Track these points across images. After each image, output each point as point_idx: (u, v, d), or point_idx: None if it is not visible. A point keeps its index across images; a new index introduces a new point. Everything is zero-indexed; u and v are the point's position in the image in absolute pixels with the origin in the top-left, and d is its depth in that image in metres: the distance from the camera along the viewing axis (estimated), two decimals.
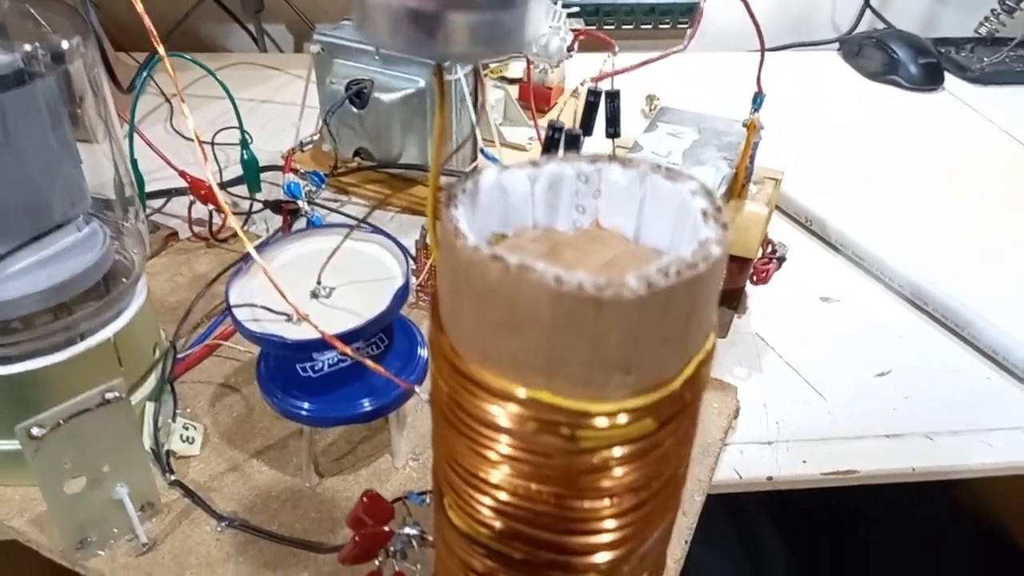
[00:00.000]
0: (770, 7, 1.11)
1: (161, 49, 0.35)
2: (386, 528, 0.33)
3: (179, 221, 0.66)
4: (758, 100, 0.55)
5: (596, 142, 0.57)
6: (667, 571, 0.44)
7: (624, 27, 1.09)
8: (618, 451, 0.21)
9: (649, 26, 1.10)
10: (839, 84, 1.03)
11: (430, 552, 0.34)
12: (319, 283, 0.41)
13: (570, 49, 0.59)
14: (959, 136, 0.91)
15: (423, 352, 0.44)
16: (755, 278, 0.59)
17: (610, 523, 0.23)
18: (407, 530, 0.34)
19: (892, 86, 1.01)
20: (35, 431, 0.35)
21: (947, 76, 1.03)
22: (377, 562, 0.35)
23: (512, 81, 0.82)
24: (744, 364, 0.57)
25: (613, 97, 0.52)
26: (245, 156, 0.63)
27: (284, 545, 0.41)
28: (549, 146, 0.53)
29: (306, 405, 0.41)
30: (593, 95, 0.51)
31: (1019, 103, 0.99)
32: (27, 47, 0.38)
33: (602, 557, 0.24)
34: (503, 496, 0.23)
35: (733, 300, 0.61)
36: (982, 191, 0.80)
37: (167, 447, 0.45)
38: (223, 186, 0.68)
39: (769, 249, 0.60)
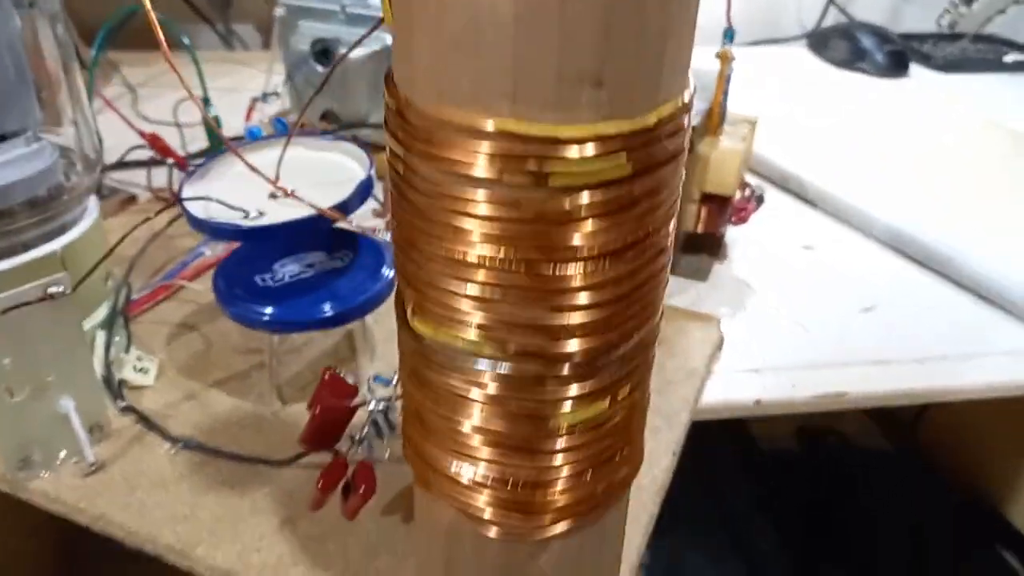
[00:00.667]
0: (737, 7, 1.12)
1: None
2: (353, 404, 0.31)
3: (139, 190, 0.64)
4: (729, 34, 0.55)
5: None
6: (654, 473, 0.41)
7: None
8: (589, 196, 0.19)
9: None
10: (808, 74, 1.04)
11: (398, 434, 0.32)
12: (277, 180, 0.39)
13: None
14: (926, 119, 0.92)
15: (388, 271, 0.42)
16: (734, 219, 0.58)
17: (585, 297, 0.21)
18: (372, 406, 0.32)
19: (860, 73, 1.03)
20: None
21: (912, 65, 1.04)
22: (339, 454, 0.32)
23: None
24: (728, 305, 0.55)
25: None
26: (209, 114, 0.61)
27: (244, 464, 0.38)
28: None
29: (267, 310, 0.38)
30: None
31: (981, 89, 1.01)
32: None
33: (580, 344, 0.22)
34: (474, 276, 0.21)
35: (713, 246, 0.60)
36: (950, 164, 0.80)
37: (120, 376, 0.42)
38: (188, 157, 0.66)
39: (747, 192, 0.59)
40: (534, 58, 0.18)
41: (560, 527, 0.26)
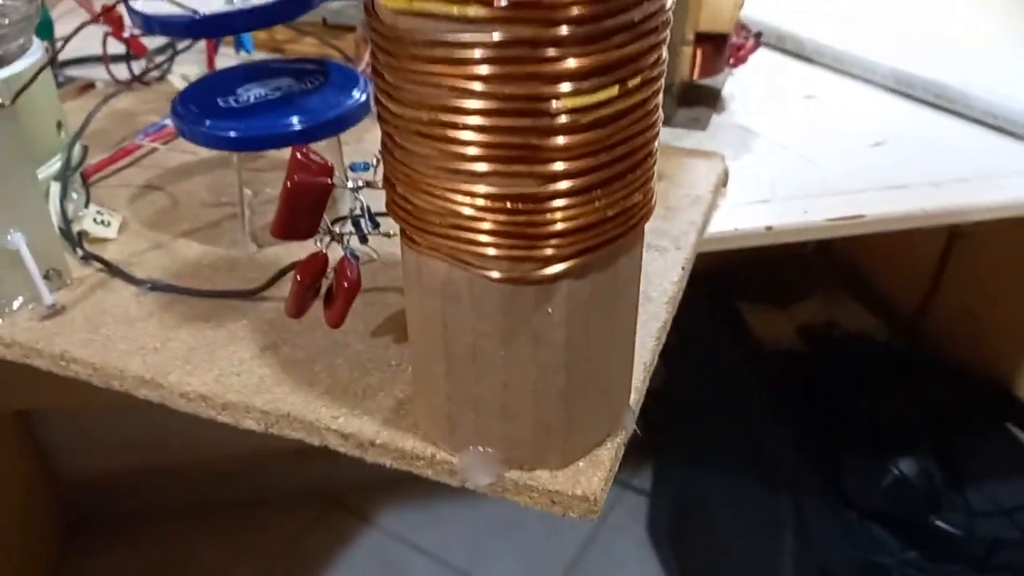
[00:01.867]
0: None
1: None
2: (328, 180, 0.27)
3: (101, 83, 0.60)
4: None
5: None
6: (664, 286, 0.38)
7: None
8: None
9: None
10: None
11: (385, 229, 0.28)
12: None
13: None
14: None
15: (360, 94, 0.38)
16: (732, 60, 0.54)
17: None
18: (350, 186, 0.28)
19: None
20: None
21: None
22: (317, 244, 0.29)
23: None
24: (730, 148, 0.52)
25: None
26: None
27: (218, 300, 0.35)
28: None
29: (233, 127, 0.35)
30: None
31: None
32: None
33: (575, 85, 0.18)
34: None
35: (711, 99, 0.57)
36: (943, 4, 0.77)
37: (78, 229, 0.39)
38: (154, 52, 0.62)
39: (743, 32, 0.55)
40: None
41: (568, 263, 0.23)
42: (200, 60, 0.58)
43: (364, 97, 0.37)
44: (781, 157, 0.51)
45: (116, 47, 0.56)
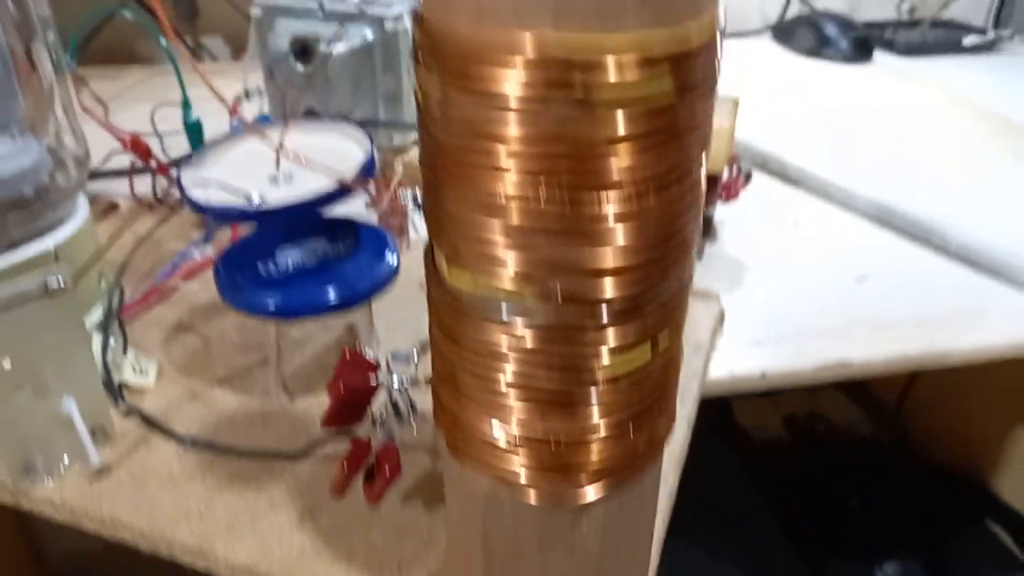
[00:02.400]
0: None
1: None
2: (373, 381, 0.30)
3: (122, 199, 0.62)
4: None
5: None
6: (671, 448, 0.41)
7: None
8: (632, 117, 0.19)
9: None
10: (776, 63, 1.06)
11: (422, 414, 0.31)
12: (278, 169, 0.38)
13: None
14: (893, 99, 0.94)
15: (393, 257, 0.41)
16: (724, 195, 0.58)
17: (624, 231, 0.20)
18: (395, 381, 0.31)
19: (826, 61, 1.04)
20: None
21: (875, 51, 1.06)
22: (361, 436, 0.31)
23: None
24: (724, 280, 0.55)
25: None
26: (189, 119, 0.60)
27: (256, 459, 0.37)
28: None
29: (272, 299, 0.37)
30: None
31: (942, 71, 1.03)
32: None
33: (620, 285, 0.21)
34: (509, 214, 0.20)
35: (704, 227, 0.60)
36: (921, 140, 0.82)
37: (119, 380, 0.41)
38: (170, 164, 0.64)
39: (735, 168, 0.59)
40: None
41: (602, 489, 0.25)
42: None
43: (394, 262, 0.40)
44: (771, 291, 0.54)
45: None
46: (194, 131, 0.61)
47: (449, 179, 0.21)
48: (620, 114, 0.19)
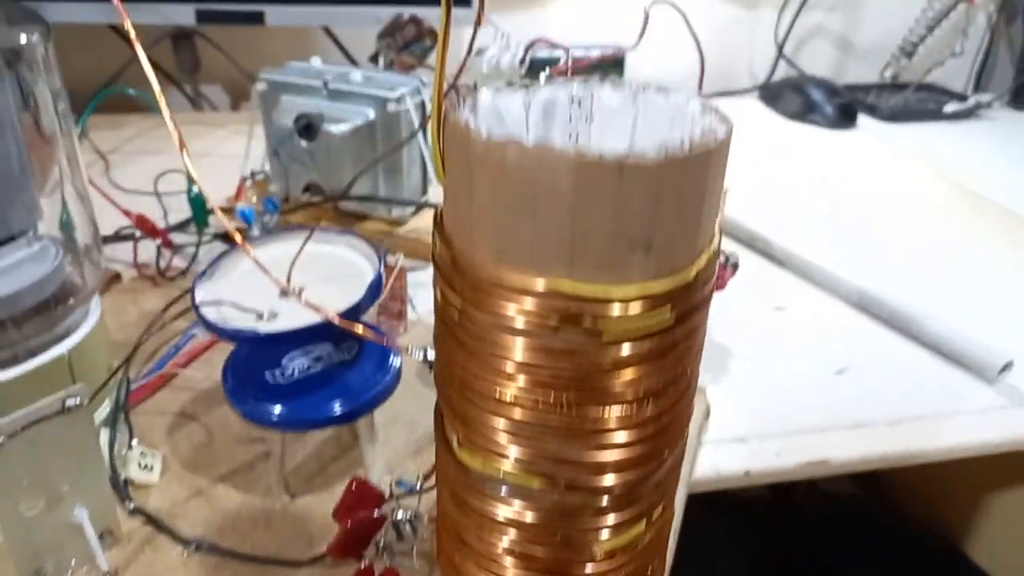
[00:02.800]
0: (692, 60, 1.17)
1: (139, 49, 0.34)
2: (377, 514, 0.31)
3: (122, 266, 0.63)
4: None
5: None
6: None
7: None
8: (635, 346, 0.21)
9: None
10: (763, 126, 1.09)
11: (423, 538, 0.33)
12: (289, 283, 0.40)
13: (522, 62, 0.61)
14: (878, 172, 0.97)
15: (396, 360, 0.43)
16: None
17: (625, 436, 0.22)
18: (399, 515, 0.33)
19: (812, 125, 1.07)
20: None
21: (859, 116, 1.10)
22: (365, 561, 0.33)
23: None
24: (709, 369, 0.57)
25: None
26: (192, 192, 0.62)
27: (259, 564, 0.39)
28: None
29: (277, 409, 0.39)
30: None
31: (925, 137, 1.06)
32: None
33: (619, 478, 0.23)
34: (518, 414, 0.22)
35: None
36: (904, 220, 0.85)
37: (124, 476, 0.42)
38: (170, 229, 0.66)
39: (722, 258, 0.61)
40: (589, 224, 0.19)
41: None
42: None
43: (396, 368, 0.42)
44: (754, 381, 0.56)
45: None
46: (197, 205, 0.62)
47: (467, 375, 0.23)
48: (623, 341, 0.21)
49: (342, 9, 0.94)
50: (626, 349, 0.21)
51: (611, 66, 1.16)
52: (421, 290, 0.59)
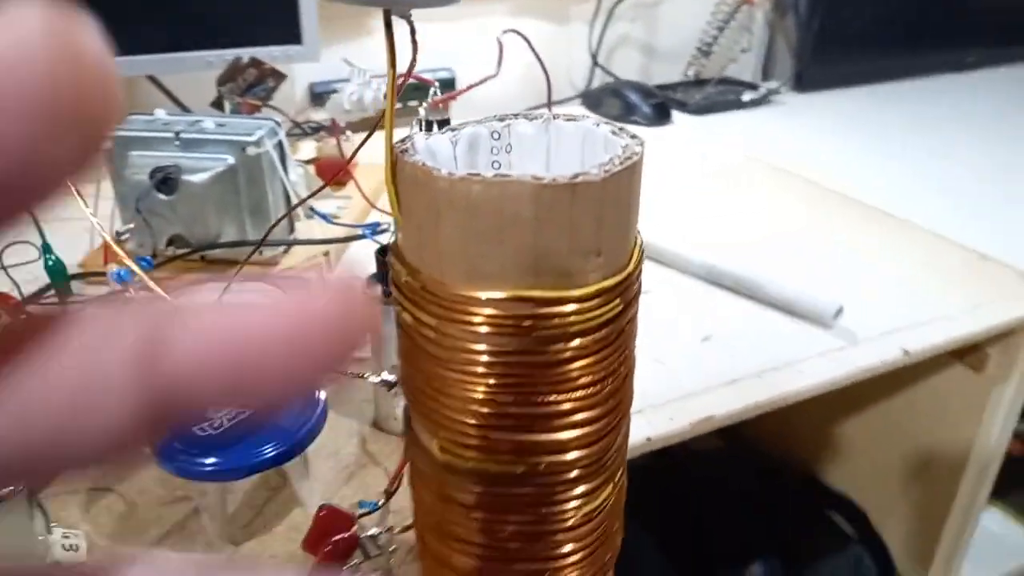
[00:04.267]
0: (516, 76, 1.23)
1: None
2: (348, 534, 0.33)
3: None
4: None
5: None
6: None
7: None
8: (593, 335, 0.25)
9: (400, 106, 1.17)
10: None
11: (400, 546, 0.35)
12: None
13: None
14: (697, 160, 1.08)
15: (321, 394, 0.44)
16: None
17: (587, 414, 0.26)
18: (373, 531, 0.34)
19: (634, 125, 1.17)
20: None
21: (673, 112, 1.21)
22: None
23: (308, 161, 0.84)
24: None
25: (443, 125, 0.57)
26: (50, 261, 0.59)
27: None
28: None
29: (210, 460, 0.39)
30: (427, 124, 0.56)
31: (730, 125, 1.19)
32: None
33: (584, 453, 0.26)
34: (493, 410, 0.25)
35: None
36: (724, 193, 0.95)
37: (50, 561, 0.41)
38: (28, 300, 0.62)
39: None
40: (550, 242, 0.23)
41: None
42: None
43: (323, 402, 0.43)
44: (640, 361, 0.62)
45: None
46: (56, 272, 0.60)
47: (438, 369, 0.26)
48: (583, 336, 0.24)
49: (167, 56, 0.92)
50: (585, 341, 0.24)
51: (446, 85, 1.20)
52: None
